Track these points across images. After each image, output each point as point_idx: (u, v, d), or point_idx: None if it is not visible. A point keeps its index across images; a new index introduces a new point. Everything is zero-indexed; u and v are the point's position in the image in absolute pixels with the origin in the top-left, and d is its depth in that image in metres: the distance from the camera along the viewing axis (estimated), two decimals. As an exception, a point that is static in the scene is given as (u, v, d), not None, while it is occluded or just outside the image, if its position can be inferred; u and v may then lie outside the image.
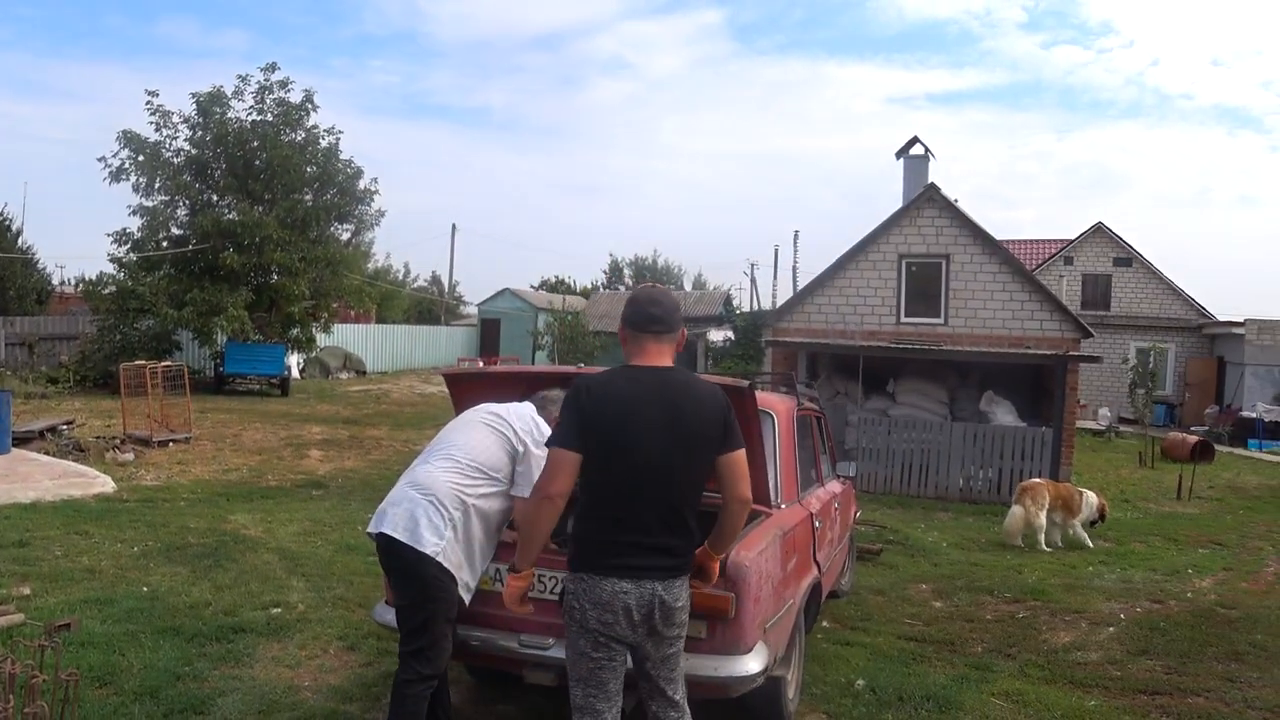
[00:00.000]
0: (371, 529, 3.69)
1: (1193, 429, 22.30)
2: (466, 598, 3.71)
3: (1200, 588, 8.16)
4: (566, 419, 3.00)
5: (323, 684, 4.70)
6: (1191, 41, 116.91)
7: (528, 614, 3.33)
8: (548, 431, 3.72)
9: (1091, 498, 10.09)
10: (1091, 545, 9.85)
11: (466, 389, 4.70)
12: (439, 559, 3.54)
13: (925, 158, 16.68)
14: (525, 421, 3.81)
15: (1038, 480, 10.54)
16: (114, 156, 21.99)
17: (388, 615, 4.09)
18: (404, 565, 3.56)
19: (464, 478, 3.65)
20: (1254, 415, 22.37)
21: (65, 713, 3.10)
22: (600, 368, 3.92)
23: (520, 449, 3.74)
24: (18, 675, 3.02)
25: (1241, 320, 24.70)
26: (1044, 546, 9.68)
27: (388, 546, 3.58)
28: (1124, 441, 21.63)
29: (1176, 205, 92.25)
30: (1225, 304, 64.53)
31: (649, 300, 3.15)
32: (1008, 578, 8.25)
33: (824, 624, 6.34)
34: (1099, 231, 30.21)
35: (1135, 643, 6.36)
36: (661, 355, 3.12)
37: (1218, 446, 19.40)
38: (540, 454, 3.67)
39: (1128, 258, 29.85)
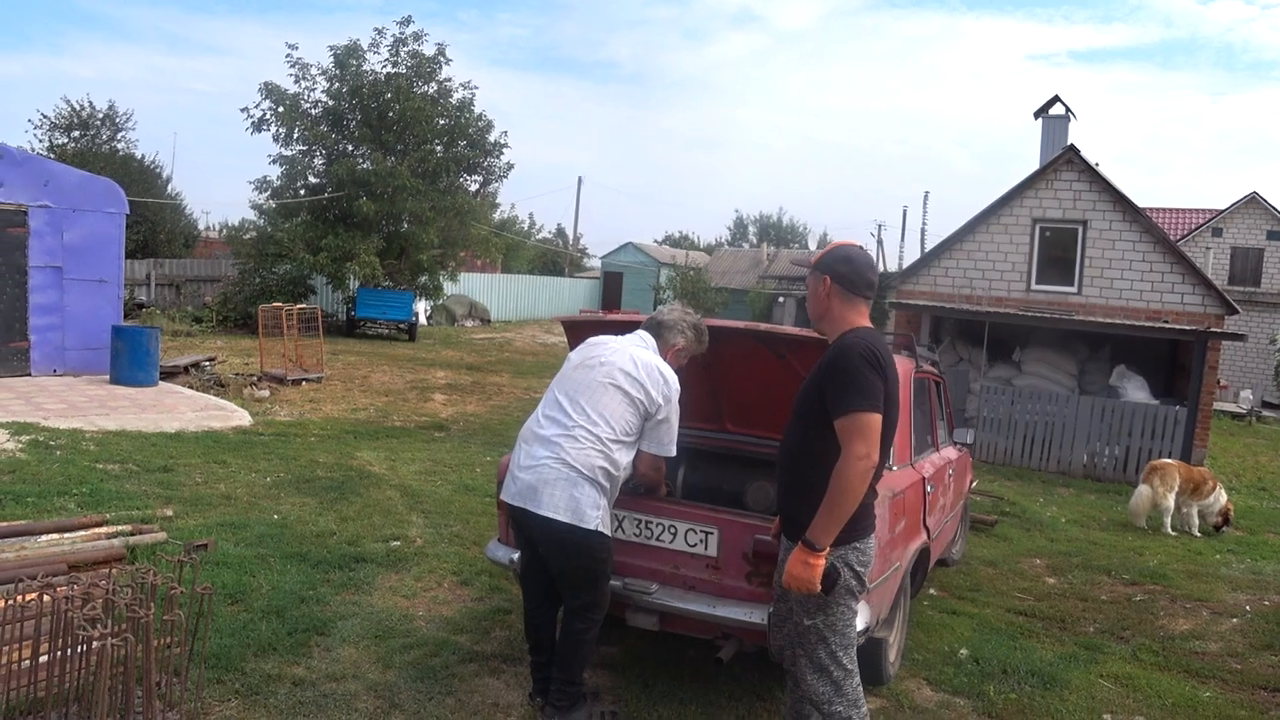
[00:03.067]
0: (519, 503, 3.66)
1: (1347, 417, 20.86)
2: None
3: (1338, 584, 7.71)
4: (874, 383, 2.93)
5: (436, 615, 4.92)
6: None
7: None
8: (676, 386, 3.79)
9: (1221, 493, 9.60)
10: (1197, 534, 9.38)
11: (586, 337, 4.78)
12: (602, 529, 3.63)
13: (1065, 118, 15.94)
14: (656, 380, 3.73)
15: (1169, 460, 10.08)
16: (255, 108, 23.00)
17: (499, 552, 4.26)
18: (566, 541, 3.61)
19: (610, 451, 3.64)
20: None
21: (199, 624, 3.35)
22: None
23: (654, 411, 3.72)
24: (159, 586, 3.27)
25: None
26: (1169, 530, 9.30)
27: (546, 524, 3.60)
28: (1266, 427, 20.45)
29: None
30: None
31: (869, 265, 3.22)
32: (1127, 559, 7.97)
33: (931, 591, 6.27)
34: (1253, 201, 28.31)
35: (1260, 636, 6.08)
36: (866, 318, 3.20)
37: (1373, 436, 18.12)
38: (675, 414, 3.79)
39: (1283, 231, 27.94)
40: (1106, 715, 4.57)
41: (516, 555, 4.02)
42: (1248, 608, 6.72)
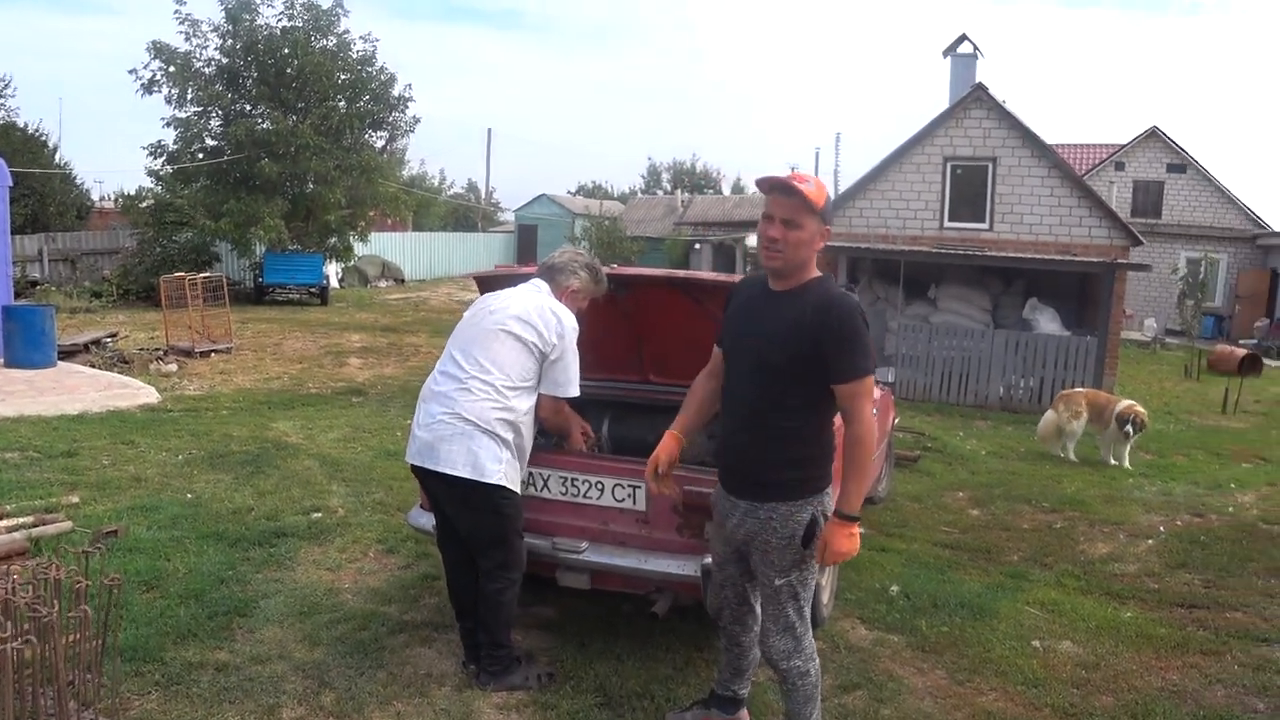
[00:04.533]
0: (419, 462, 3.63)
1: (1241, 342, 21.81)
2: None
3: (1242, 502, 8.04)
4: (871, 342, 2.92)
5: (362, 586, 4.78)
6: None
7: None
8: (571, 325, 3.69)
9: (1119, 405, 9.40)
10: (1113, 462, 9.36)
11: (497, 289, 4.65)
12: (505, 483, 3.56)
13: (974, 56, 16.09)
14: (547, 320, 3.65)
15: (1078, 389, 10.35)
16: (145, 69, 21.87)
17: (421, 519, 4.14)
18: (471, 497, 3.56)
19: (506, 399, 3.57)
20: (1307, 327, 21.86)
21: (111, 615, 3.17)
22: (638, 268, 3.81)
23: (549, 351, 3.64)
24: (63, 580, 3.08)
25: (1298, 229, 23.92)
26: (1071, 455, 9.53)
27: (447, 481, 3.55)
28: (1169, 354, 21.25)
29: (1234, 109, 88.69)
30: (1281, 212, 62.49)
31: None
32: (1046, 487, 8.18)
33: (861, 530, 6.33)
34: (1153, 136, 29.16)
35: (1174, 556, 6.30)
36: None
37: (1266, 361, 18.99)
38: (571, 354, 3.67)
39: (1182, 164, 28.85)
40: (1035, 641, 4.67)
41: None
42: (1161, 529, 6.95)
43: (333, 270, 25.84)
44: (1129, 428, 9.09)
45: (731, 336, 3.07)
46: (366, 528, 5.70)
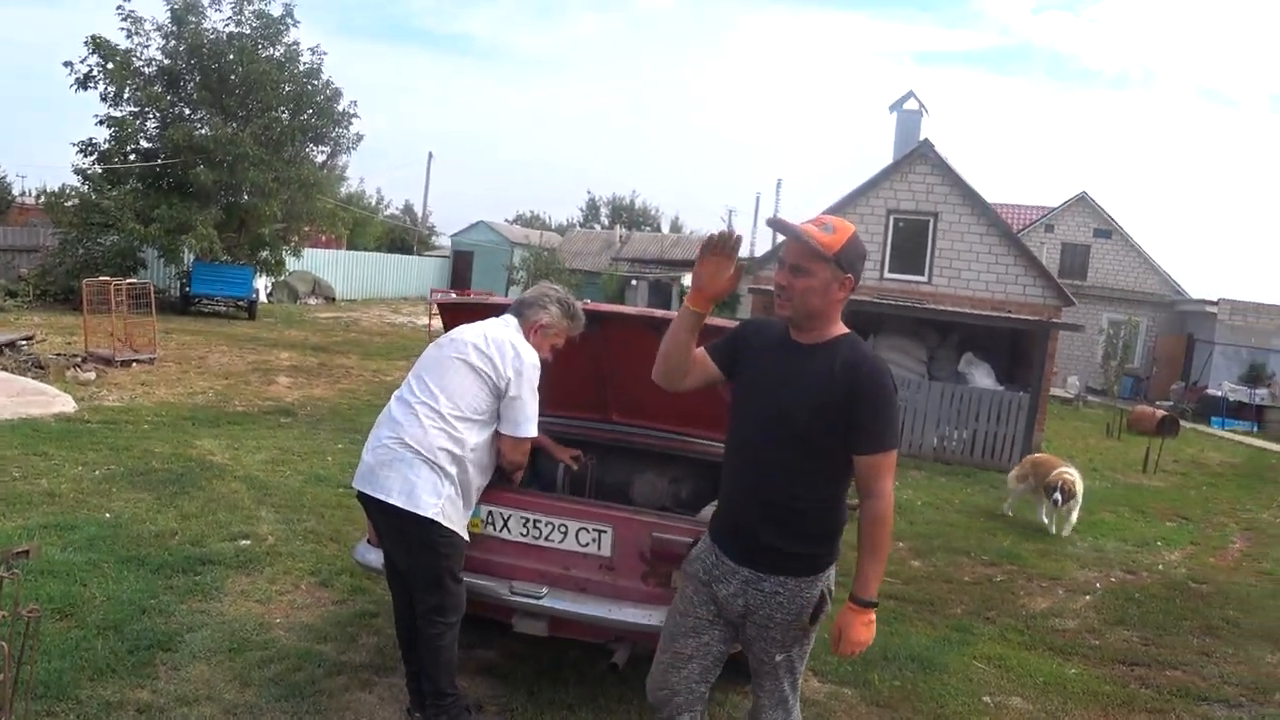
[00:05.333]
0: (360, 487, 3.46)
1: (1158, 403, 22.50)
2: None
3: (1170, 560, 8.20)
4: (898, 415, 2.74)
5: (295, 621, 4.52)
6: (1179, 19, 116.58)
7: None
8: (531, 362, 3.53)
9: (1051, 473, 8.84)
10: (1045, 521, 8.92)
11: (461, 320, 4.48)
12: (441, 520, 3.37)
13: (919, 113, 16.45)
14: (505, 353, 3.50)
15: (1038, 455, 10.18)
16: (81, 63, 21.08)
17: (369, 555, 3.92)
18: (406, 529, 3.39)
19: (453, 430, 3.41)
20: (1219, 393, 22.65)
21: (25, 647, 2.90)
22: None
23: (504, 386, 3.48)
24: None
25: (1215, 299, 24.88)
26: (1008, 511, 9.55)
27: (383, 509, 3.38)
28: (1091, 411, 21.82)
29: (1153, 181, 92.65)
30: (1197, 282, 65.25)
31: None
32: (983, 540, 8.23)
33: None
34: (1082, 201, 30.19)
35: (1112, 612, 6.37)
36: None
37: (1182, 422, 19.57)
38: (529, 392, 3.50)
39: (1108, 229, 29.89)
40: (986, 697, 4.65)
41: None
42: (1097, 585, 7.03)
43: (262, 284, 25.20)
44: (1057, 495, 8.58)
45: (746, 385, 2.78)
46: (298, 558, 5.43)
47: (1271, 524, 10.67)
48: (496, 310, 3.83)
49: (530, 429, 3.53)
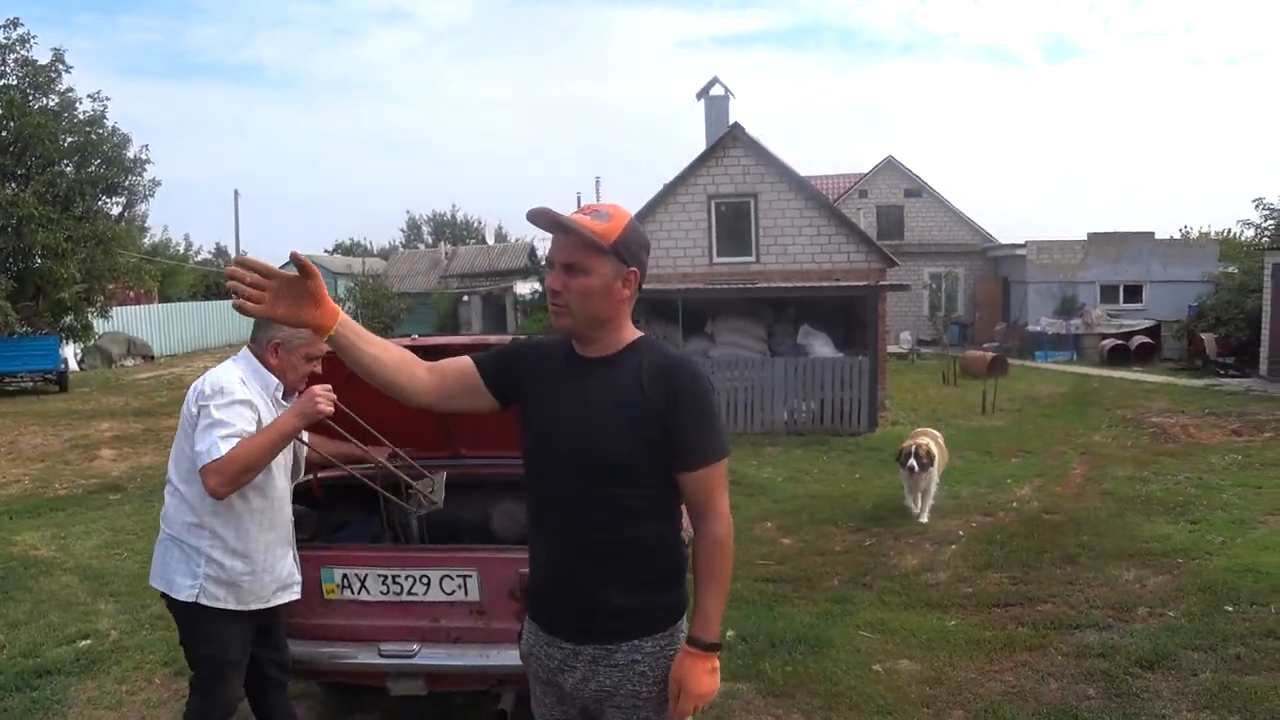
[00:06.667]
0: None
1: (985, 346, 23.80)
2: (285, 597, 3.24)
3: (1021, 496, 8.62)
4: (721, 417, 2.32)
5: (152, 721, 4.15)
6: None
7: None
8: (212, 384, 2.99)
9: (915, 438, 8.14)
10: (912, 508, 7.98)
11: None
12: (201, 600, 3.01)
13: (726, 97, 16.78)
14: (197, 391, 3.01)
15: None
16: None
17: None
18: (174, 613, 3.13)
19: (186, 500, 3.03)
20: (1039, 329, 24.17)
21: None
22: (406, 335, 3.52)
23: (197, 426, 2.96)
24: None
25: (1022, 242, 26.45)
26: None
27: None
28: (925, 362, 22.86)
29: (953, 138, 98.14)
30: (1005, 228, 69.47)
31: None
32: (847, 507, 8.44)
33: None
34: (889, 165, 31.57)
35: (978, 558, 6.63)
36: None
37: (1010, 360, 20.75)
38: (205, 415, 2.92)
39: (917, 189, 31.38)
40: (876, 665, 4.73)
41: None
42: (960, 533, 7.31)
43: (71, 352, 23.44)
44: (912, 462, 7.68)
45: (531, 421, 2.30)
46: (148, 649, 5.01)
47: (1104, 445, 11.42)
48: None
49: (213, 452, 2.85)
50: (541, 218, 2.19)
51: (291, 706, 3.47)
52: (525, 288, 31.42)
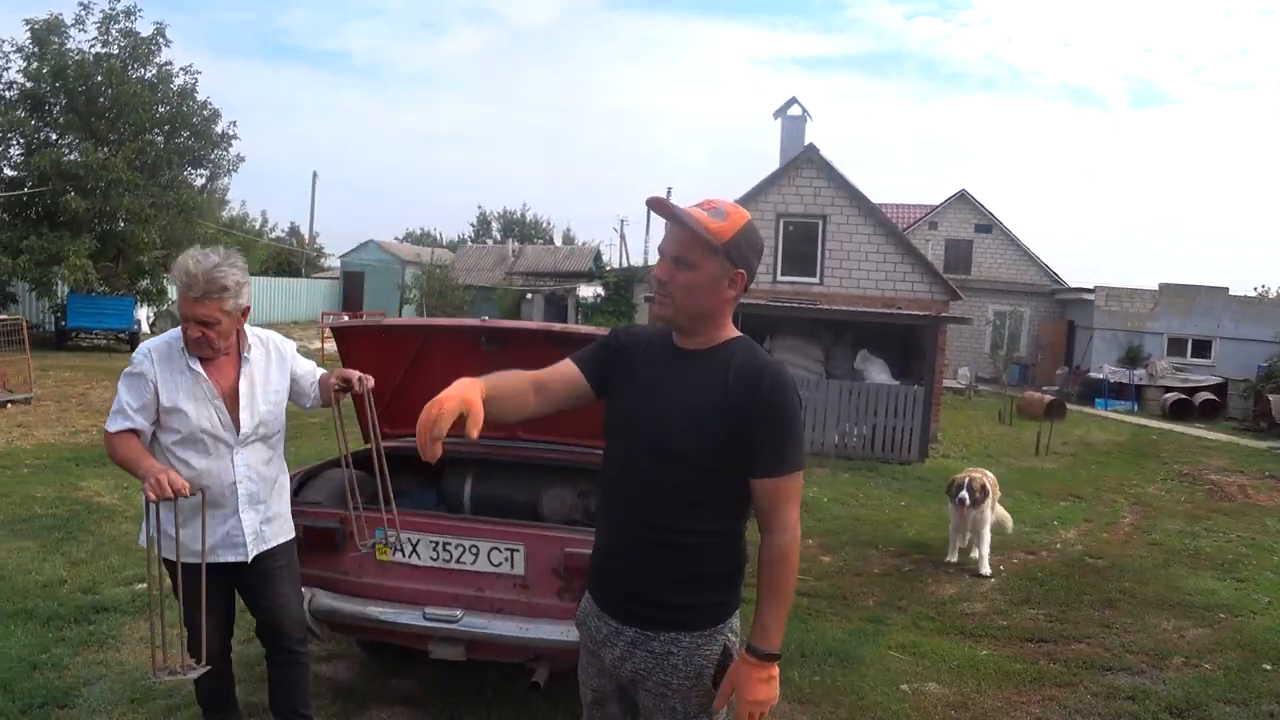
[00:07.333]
0: None
1: (1045, 388, 23.45)
2: (227, 556, 3.26)
3: (1066, 538, 8.54)
4: (803, 431, 2.29)
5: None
6: (1043, 23, 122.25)
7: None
8: (142, 350, 3.25)
9: (969, 472, 7.49)
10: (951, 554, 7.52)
11: (357, 343, 4.38)
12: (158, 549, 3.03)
13: (803, 118, 16.79)
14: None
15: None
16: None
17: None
18: None
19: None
20: (1101, 376, 23.76)
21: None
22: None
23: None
24: None
25: (1091, 287, 26.05)
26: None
27: None
28: (982, 400, 22.59)
29: (1028, 177, 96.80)
30: (1074, 271, 68.46)
31: None
32: (890, 532, 8.43)
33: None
34: (962, 198, 31.31)
35: (1016, 593, 6.59)
36: None
37: (1068, 405, 20.44)
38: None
39: (988, 224, 31.06)
40: (904, 685, 4.75)
41: None
42: (1001, 568, 7.26)
43: (144, 314, 24.21)
44: (964, 494, 7.15)
45: (620, 402, 2.32)
46: (200, 597, 5.20)
47: (1157, 497, 11.22)
48: (388, 331, 3.74)
49: (109, 425, 3.15)
50: (660, 207, 2.22)
51: (294, 676, 3.49)
52: (588, 291, 31.68)
